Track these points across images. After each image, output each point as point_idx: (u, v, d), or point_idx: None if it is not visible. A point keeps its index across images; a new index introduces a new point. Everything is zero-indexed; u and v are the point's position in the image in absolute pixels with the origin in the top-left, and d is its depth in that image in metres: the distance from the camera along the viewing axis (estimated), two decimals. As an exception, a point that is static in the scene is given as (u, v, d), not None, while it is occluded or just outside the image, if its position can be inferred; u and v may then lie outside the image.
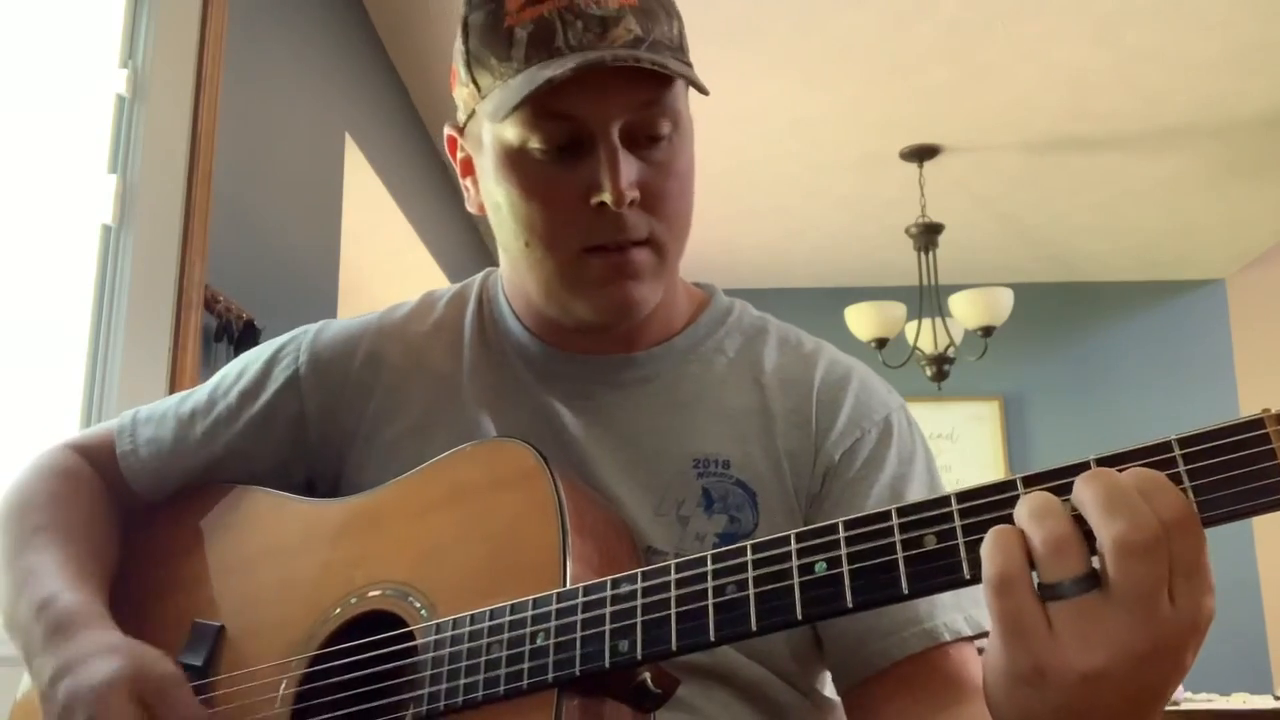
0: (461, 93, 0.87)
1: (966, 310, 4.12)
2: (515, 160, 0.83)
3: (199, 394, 1.00)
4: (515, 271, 0.92)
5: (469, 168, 0.92)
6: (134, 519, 0.99)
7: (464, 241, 4.52)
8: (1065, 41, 3.44)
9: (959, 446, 5.32)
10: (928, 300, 4.16)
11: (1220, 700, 3.59)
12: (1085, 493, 0.53)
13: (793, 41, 3.44)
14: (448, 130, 0.93)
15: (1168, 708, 3.30)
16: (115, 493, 0.98)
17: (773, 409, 0.88)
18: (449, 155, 0.94)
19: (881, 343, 4.13)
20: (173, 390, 1.96)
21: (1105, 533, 0.51)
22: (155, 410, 1.00)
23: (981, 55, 3.52)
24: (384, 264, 3.83)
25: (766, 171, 4.34)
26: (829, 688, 0.90)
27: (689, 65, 0.84)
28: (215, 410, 0.97)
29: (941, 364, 4.20)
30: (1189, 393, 5.25)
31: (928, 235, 4.20)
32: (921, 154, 4.16)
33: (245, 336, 2.20)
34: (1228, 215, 4.86)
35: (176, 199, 2.04)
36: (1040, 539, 0.52)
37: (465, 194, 0.94)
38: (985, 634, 0.82)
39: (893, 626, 0.80)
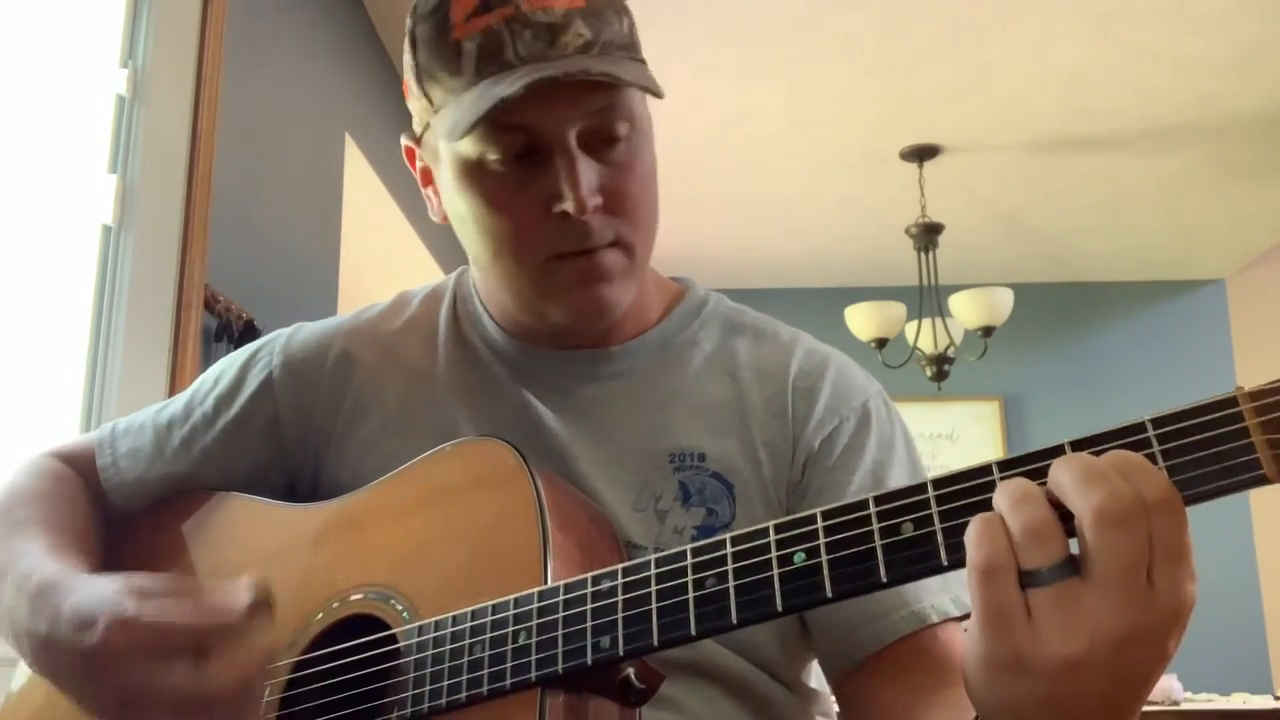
0: (414, 105, 0.87)
1: (966, 310, 4.12)
2: (474, 173, 0.82)
3: (176, 403, 1.00)
4: (486, 280, 0.92)
5: (429, 178, 0.91)
6: (115, 529, 0.98)
7: (464, 241, 4.51)
8: (1065, 41, 3.44)
9: (959, 446, 5.32)
10: (928, 300, 4.16)
11: (1220, 700, 3.59)
12: (1063, 473, 0.52)
13: (793, 41, 3.44)
14: (404, 141, 0.93)
15: (1168, 708, 3.30)
16: (98, 499, 0.99)
17: (748, 400, 0.88)
18: (407, 165, 0.94)
19: (881, 343, 4.13)
20: (173, 390, 1.96)
21: (1083, 505, 0.51)
22: (134, 422, 1.00)
23: (981, 55, 3.52)
24: (384, 264, 3.83)
25: (766, 171, 4.34)
26: (814, 678, 0.90)
27: (642, 62, 0.83)
28: (191, 418, 0.97)
29: (941, 364, 4.20)
30: (1189, 393, 5.17)
31: (928, 235, 4.20)
32: (921, 154, 4.16)
33: (245, 336, 2.19)
34: (1228, 215, 4.86)
35: (176, 199, 2.04)
36: (1019, 525, 0.52)
37: (428, 204, 0.93)
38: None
39: (880, 611, 0.80)
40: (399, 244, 3.72)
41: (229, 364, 0.99)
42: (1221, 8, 3.25)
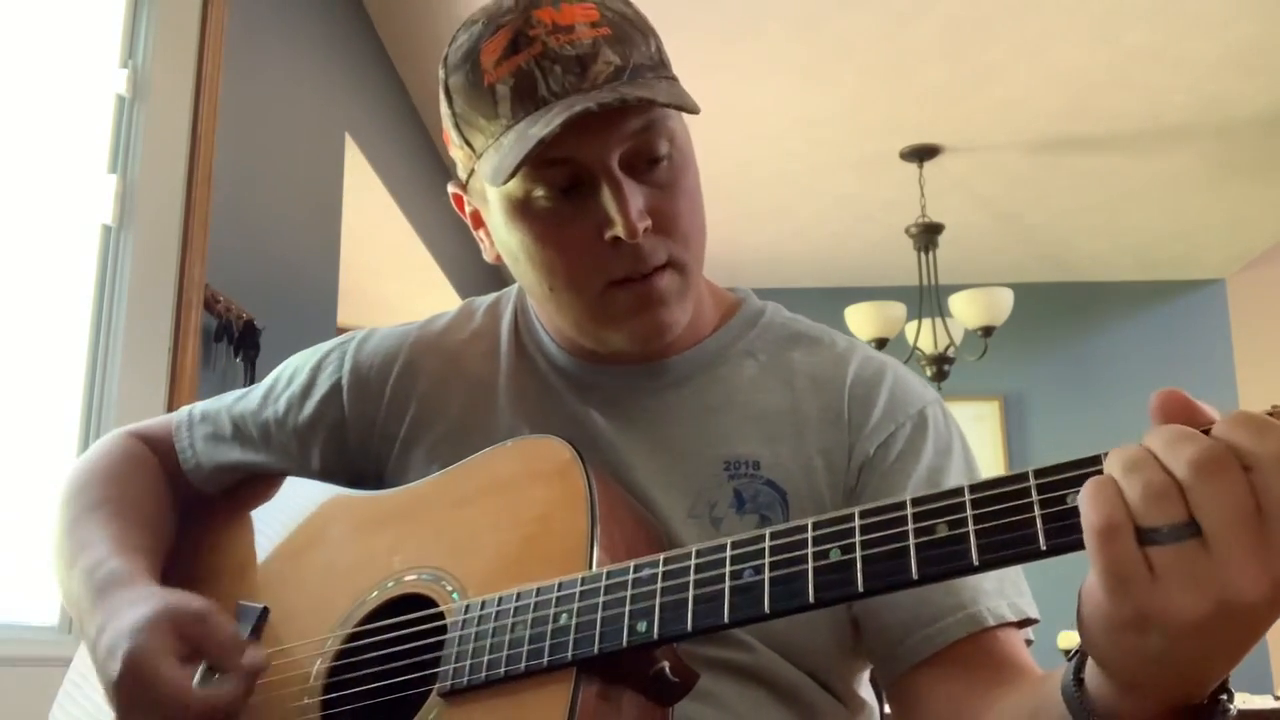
0: (457, 154, 0.88)
1: (966, 310, 4.12)
2: (522, 210, 0.84)
3: (253, 396, 1.04)
4: (545, 310, 0.93)
5: (479, 220, 0.93)
6: (190, 506, 1.04)
7: (464, 241, 4.52)
8: (1065, 41, 3.44)
9: (959, 447, 5.33)
10: (928, 300, 4.16)
11: (1220, 700, 3.58)
12: (1154, 441, 0.51)
13: (793, 41, 3.44)
14: (451, 189, 0.94)
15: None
16: (173, 479, 1.04)
17: (804, 409, 0.89)
18: (457, 211, 0.95)
19: (881, 343, 4.13)
20: (172, 391, 1.96)
21: (1178, 461, 0.50)
22: (211, 408, 1.05)
23: (981, 55, 3.52)
24: (384, 264, 3.83)
25: (766, 171, 4.34)
26: (864, 688, 0.91)
27: (673, 78, 0.84)
28: (264, 415, 1.02)
29: (941, 364, 4.20)
30: (1189, 392, 5.23)
31: (928, 235, 4.20)
32: (921, 154, 4.16)
33: (245, 336, 2.19)
34: (1228, 215, 4.86)
35: (176, 199, 2.04)
36: (1137, 486, 0.50)
37: (481, 245, 0.95)
38: (1030, 621, 0.82)
39: (936, 614, 0.80)
40: (399, 244, 3.72)
41: (302, 362, 1.03)
42: (1221, 8, 3.25)
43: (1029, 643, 0.83)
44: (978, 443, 5.31)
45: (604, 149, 0.80)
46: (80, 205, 1.90)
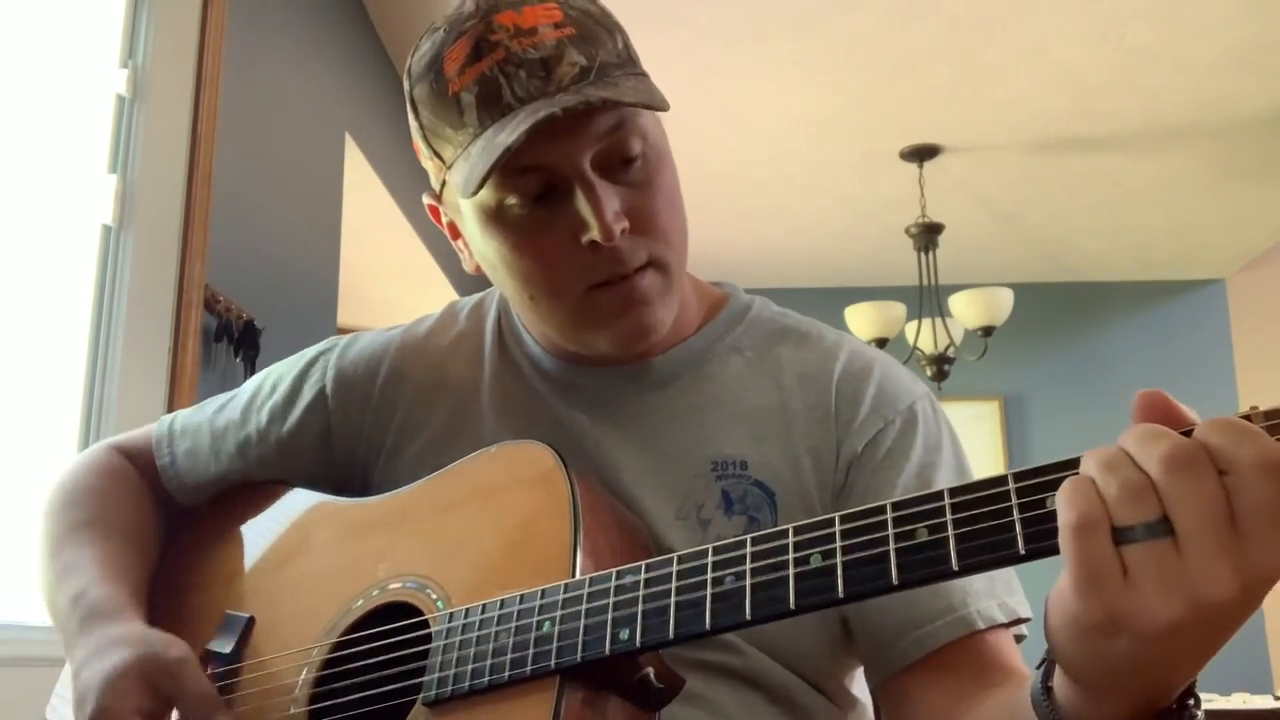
0: (428, 165, 0.87)
1: (966, 310, 4.12)
2: (497, 219, 0.82)
3: (234, 406, 1.02)
4: (527, 318, 0.92)
5: (456, 232, 0.92)
6: (177, 516, 1.03)
7: (464, 241, 4.51)
8: (1065, 41, 3.44)
9: (959, 446, 5.32)
10: (928, 300, 4.16)
11: (1220, 700, 3.58)
12: (1128, 440, 0.51)
13: (793, 41, 3.44)
14: (426, 200, 0.93)
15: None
16: (157, 493, 1.03)
17: (791, 407, 0.88)
18: (434, 222, 0.94)
19: (881, 343, 4.13)
20: (172, 391, 1.96)
21: (1150, 459, 0.50)
22: (191, 421, 1.04)
23: (981, 55, 3.52)
24: (384, 264, 3.83)
25: (766, 171, 4.34)
26: (857, 685, 0.90)
27: (643, 75, 0.83)
28: (247, 426, 1.00)
29: (941, 364, 4.20)
30: (1189, 393, 5.17)
31: (928, 235, 4.20)
32: (921, 154, 4.16)
33: (245, 336, 2.20)
34: (1228, 215, 4.86)
35: (176, 199, 2.04)
36: (1114, 485, 0.50)
37: (460, 255, 0.93)
38: (1020, 620, 0.81)
39: (927, 616, 0.79)
40: (399, 244, 3.72)
41: (285, 371, 1.01)
42: (1221, 8, 3.25)
43: (1021, 639, 0.83)
44: (978, 443, 5.32)
45: (575, 152, 0.78)
46: (80, 205, 1.91)
